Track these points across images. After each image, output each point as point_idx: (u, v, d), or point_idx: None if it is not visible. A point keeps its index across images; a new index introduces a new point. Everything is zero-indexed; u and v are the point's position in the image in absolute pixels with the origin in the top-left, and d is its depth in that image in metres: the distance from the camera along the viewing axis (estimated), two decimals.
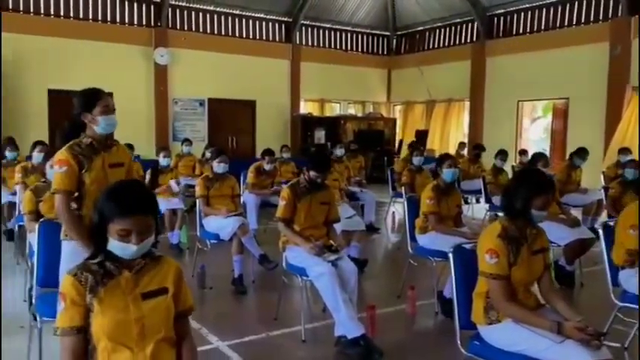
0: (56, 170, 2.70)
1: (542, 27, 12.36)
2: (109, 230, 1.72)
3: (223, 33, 13.25)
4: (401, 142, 14.76)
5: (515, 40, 12.71)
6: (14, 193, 6.33)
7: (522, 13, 12.77)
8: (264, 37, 13.89)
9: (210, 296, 4.74)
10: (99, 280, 1.74)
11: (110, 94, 2.82)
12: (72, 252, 2.64)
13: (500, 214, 7.73)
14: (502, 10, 13.09)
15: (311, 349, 3.61)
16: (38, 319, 2.90)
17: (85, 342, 1.73)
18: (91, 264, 1.77)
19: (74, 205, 2.75)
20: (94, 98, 2.74)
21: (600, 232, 3.44)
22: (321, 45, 14.89)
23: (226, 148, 10.70)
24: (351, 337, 3.37)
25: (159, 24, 12.15)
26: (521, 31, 12.81)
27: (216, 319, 4.02)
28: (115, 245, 1.73)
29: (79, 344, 1.71)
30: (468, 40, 13.94)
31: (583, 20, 11.63)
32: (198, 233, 5.17)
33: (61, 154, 2.71)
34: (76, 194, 2.73)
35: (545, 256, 2.58)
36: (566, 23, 11.88)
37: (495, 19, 13.30)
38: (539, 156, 5.81)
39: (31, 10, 10.93)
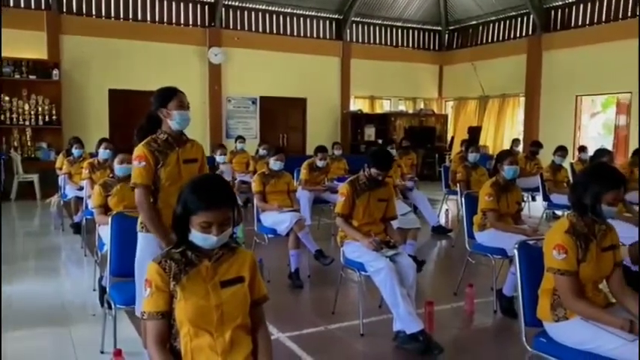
0: (135, 165, 2.81)
1: (603, 19, 11.89)
2: (192, 222, 1.81)
3: (275, 32, 13.40)
4: (452, 138, 14.55)
5: (574, 32, 12.27)
6: (81, 189, 6.60)
7: (582, 5, 12.32)
8: (314, 35, 13.97)
9: (268, 289, 4.81)
10: (182, 269, 1.84)
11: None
12: (147, 243, 2.77)
13: (558, 212, 7.49)
14: (560, 3, 12.67)
15: (370, 343, 3.63)
16: (113, 306, 3.04)
17: (169, 326, 1.82)
18: (174, 253, 1.87)
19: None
20: (170, 94, 2.87)
21: None
22: (372, 41, 14.82)
23: (277, 146, 10.84)
24: (410, 332, 3.37)
25: (213, 24, 12.42)
26: (580, 23, 12.36)
27: (275, 312, 4.07)
28: (196, 236, 1.82)
29: (163, 328, 1.81)
30: (524, 34, 13.56)
31: None
32: (255, 228, 5.28)
33: (139, 149, 2.81)
34: (152, 188, 2.84)
35: (615, 254, 2.53)
36: (629, 14, 11.37)
37: (553, 11, 12.87)
38: (602, 152, 5.59)
39: (93, 12, 11.36)
